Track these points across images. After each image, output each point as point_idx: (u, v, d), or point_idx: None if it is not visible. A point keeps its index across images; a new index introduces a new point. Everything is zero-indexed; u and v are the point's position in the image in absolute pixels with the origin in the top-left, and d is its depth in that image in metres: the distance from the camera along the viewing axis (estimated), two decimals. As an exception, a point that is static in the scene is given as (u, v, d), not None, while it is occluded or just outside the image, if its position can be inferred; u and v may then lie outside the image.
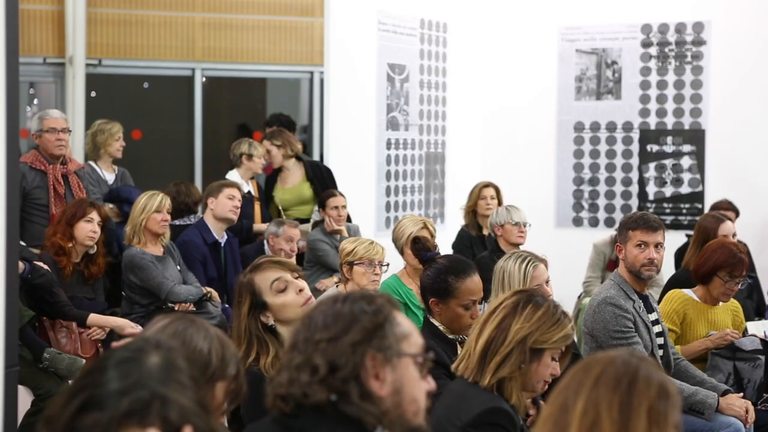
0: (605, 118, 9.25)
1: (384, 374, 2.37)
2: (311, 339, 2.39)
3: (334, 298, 2.48)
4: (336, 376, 2.34)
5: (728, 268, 5.56)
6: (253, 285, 3.81)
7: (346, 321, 2.39)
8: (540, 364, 3.38)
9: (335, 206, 7.76)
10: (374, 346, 2.37)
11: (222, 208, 7.16)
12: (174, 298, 6.57)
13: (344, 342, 2.36)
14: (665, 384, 2.14)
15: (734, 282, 5.60)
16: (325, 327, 2.39)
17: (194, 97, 11.61)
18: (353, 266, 5.80)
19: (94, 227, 6.38)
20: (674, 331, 5.61)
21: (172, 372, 1.83)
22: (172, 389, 1.79)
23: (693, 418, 5.07)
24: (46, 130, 6.95)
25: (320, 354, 2.36)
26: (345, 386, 2.34)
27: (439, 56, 9.09)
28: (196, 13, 11.50)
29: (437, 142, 9.14)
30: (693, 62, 8.97)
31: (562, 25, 9.33)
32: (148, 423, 1.73)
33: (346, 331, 2.38)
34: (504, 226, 7.03)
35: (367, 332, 2.38)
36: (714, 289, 5.63)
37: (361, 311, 2.41)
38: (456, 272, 4.35)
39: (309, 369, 2.36)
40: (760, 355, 5.61)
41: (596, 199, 9.29)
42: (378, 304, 2.43)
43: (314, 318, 2.43)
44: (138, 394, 1.75)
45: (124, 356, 1.84)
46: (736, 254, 5.57)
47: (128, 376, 1.78)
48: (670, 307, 5.65)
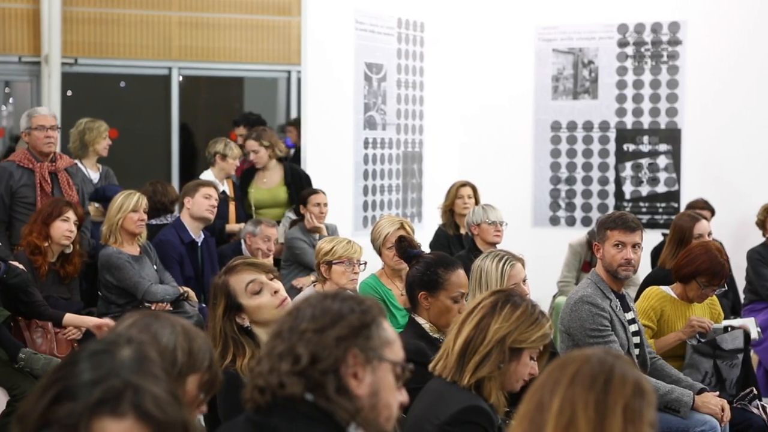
0: (582, 118, 9.28)
1: (363, 374, 2.37)
2: (296, 328, 2.39)
3: (325, 294, 2.49)
4: (316, 367, 2.34)
5: (708, 276, 5.58)
6: (228, 287, 3.81)
7: (335, 316, 2.40)
8: (519, 363, 3.39)
9: (317, 203, 7.77)
10: (358, 344, 2.37)
11: (198, 207, 7.15)
12: (151, 297, 6.55)
13: (330, 335, 2.37)
14: (640, 382, 2.15)
15: (711, 289, 5.64)
16: (313, 318, 2.40)
17: (171, 96, 11.59)
18: (332, 265, 5.80)
19: (70, 226, 6.35)
20: (650, 327, 5.63)
21: (144, 363, 1.83)
22: (145, 379, 1.79)
23: (669, 416, 5.09)
24: (34, 128, 6.94)
25: (304, 344, 2.36)
26: (323, 378, 2.34)
27: (417, 56, 9.09)
28: (172, 12, 11.47)
29: (414, 141, 9.15)
30: (669, 62, 9.01)
31: (538, 25, 9.35)
32: (120, 412, 1.73)
33: (332, 325, 2.38)
34: (480, 226, 7.04)
35: (354, 329, 2.38)
36: (690, 291, 5.67)
37: (350, 310, 2.41)
38: (445, 265, 4.46)
39: (291, 358, 2.36)
40: (739, 354, 5.64)
41: (573, 198, 9.32)
42: (367, 306, 2.45)
43: (302, 310, 2.44)
44: (110, 383, 1.75)
45: (96, 349, 1.85)
46: (718, 263, 5.59)
47: (100, 367, 1.78)
48: (648, 303, 5.67)
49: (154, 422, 1.75)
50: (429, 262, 4.51)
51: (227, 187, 8.32)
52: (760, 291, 7.74)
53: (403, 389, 2.47)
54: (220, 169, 8.27)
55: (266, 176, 8.49)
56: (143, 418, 1.74)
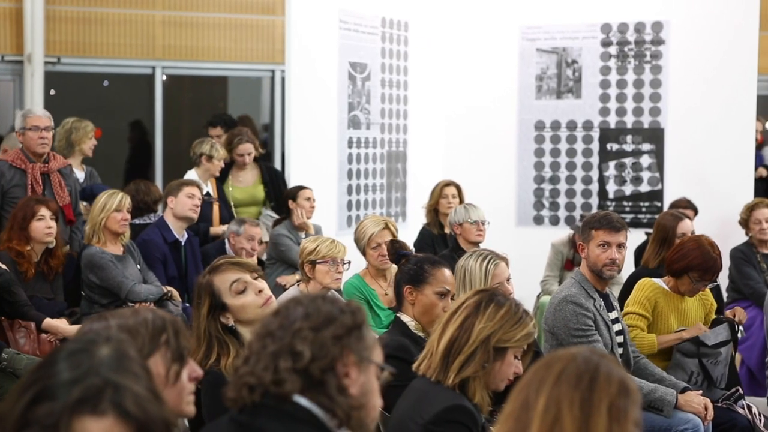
0: (566, 117, 9.29)
1: (354, 374, 2.39)
2: (290, 327, 2.41)
3: (312, 296, 2.52)
4: (316, 365, 2.36)
5: (701, 271, 5.58)
6: (212, 286, 3.80)
7: (328, 315, 2.43)
8: (503, 362, 3.40)
9: (308, 197, 7.79)
10: (352, 344, 2.40)
11: (182, 206, 7.14)
12: (134, 297, 6.54)
13: (327, 333, 2.39)
14: (626, 381, 2.16)
15: (702, 284, 5.65)
16: (307, 317, 2.42)
17: (155, 95, 11.56)
18: (316, 265, 5.80)
19: (48, 223, 6.34)
20: (646, 317, 5.61)
21: (123, 361, 1.82)
22: (125, 377, 1.78)
23: (652, 415, 5.11)
24: (29, 128, 6.94)
25: (303, 341, 2.38)
26: (323, 376, 2.37)
27: (401, 55, 9.09)
28: (156, 11, 11.44)
29: (399, 140, 9.15)
30: (652, 61, 9.02)
31: (522, 24, 9.36)
32: (101, 411, 1.72)
33: (327, 324, 2.41)
34: (462, 225, 7.05)
35: (348, 329, 2.42)
36: (681, 285, 5.66)
37: (341, 311, 2.45)
38: (432, 261, 4.55)
39: (290, 355, 2.37)
40: (722, 348, 5.64)
41: (557, 198, 9.34)
42: (355, 307, 2.49)
43: (291, 309, 2.45)
44: (89, 382, 1.74)
45: (74, 348, 1.84)
46: (711, 258, 5.58)
47: (79, 366, 1.77)
48: (642, 294, 5.67)
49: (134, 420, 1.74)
50: (417, 259, 4.61)
51: (211, 187, 8.30)
52: (743, 290, 7.77)
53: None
54: (205, 170, 8.26)
55: (242, 175, 8.55)
56: (124, 417, 1.73)
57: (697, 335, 5.59)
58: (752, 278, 7.73)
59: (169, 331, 2.50)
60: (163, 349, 2.47)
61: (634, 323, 5.60)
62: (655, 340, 5.56)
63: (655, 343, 5.56)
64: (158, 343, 2.47)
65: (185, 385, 2.51)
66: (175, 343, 2.49)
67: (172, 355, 2.48)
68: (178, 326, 2.53)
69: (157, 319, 2.51)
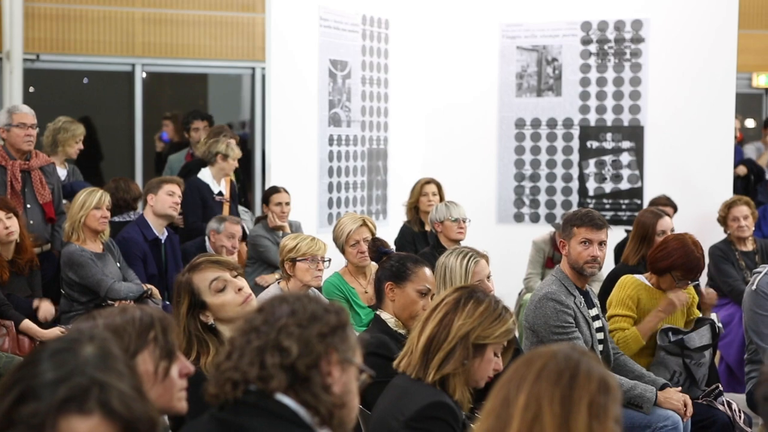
0: (546, 115, 9.30)
1: (337, 373, 2.40)
2: (275, 323, 2.40)
3: (297, 295, 2.52)
4: (302, 361, 2.36)
5: (684, 270, 5.59)
6: (192, 285, 3.80)
7: (314, 313, 2.43)
8: (483, 359, 3.40)
9: (279, 202, 7.76)
10: (336, 343, 2.40)
11: (162, 204, 7.12)
12: (114, 295, 6.51)
13: (313, 330, 2.39)
14: (606, 378, 2.16)
15: (684, 283, 5.66)
16: (293, 313, 2.42)
17: (134, 92, 11.53)
18: (296, 263, 5.80)
19: (4, 223, 6.25)
20: (631, 316, 5.61)
21: (108, 360, 1.82)
22: (110, 376, 1.78)
23: (632, 411, 5.12)
24: (15, 125, 6.90)
25: (290, 337, 2.38)
26: (309, 373, 2.37)
27: (381, 52, 9.09)
28: (135, 8, 11.41)
29: (379, 138, 9.15)
30: (632, 59, 9.05)
31: (503, 22, 9.37)
32: (87, 410, 1.72)
33: (313, 322, 2.41)
34: (443, 223, 7.05)
35: (333, 328, 2.42)
36: (663, 283, 5.66)
37: (326, 310, 2.45)
38: (414, 260, 4.61)
39: (278, 351, 2.37)
40: (705, 350, 5.66)
41: (537, 195, 9.35)
42: (339, 307, 2.50)
43: (276, 306, 2.45)
44: (75, 381, 1.74)
45: (58, 347, 1.83)
46: (694, 258, 5.59)
47: (63, 365, 1.77)
48: (624, 293, 5.67)
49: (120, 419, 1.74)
50: (399, 257, 4.67)
51: (224, 187, 8.26)
52: (721, 287, 7.81)
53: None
54: (220, 169, 8.18)
55: None
56: (110, 415, 1.73)
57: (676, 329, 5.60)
58: (731, 276, 7.77)
59: (158, 328, 2.50)
60: (151, 345, 2.47)
61: (618, 326, 5.60)
62: (638, 333, 5.56)
63: (638, 335, 5.55)
64: (146, 340, 2.47)
65: (175, 382, 2.51)
66: (164, 339, 2.49)
67: (161, 352, 2.47)
68: (166, 323, 2.53)
69: (145, 316, 2.50)
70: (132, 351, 2.43)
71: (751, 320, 5.72)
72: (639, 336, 5.56)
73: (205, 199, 8.05)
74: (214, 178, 8.15)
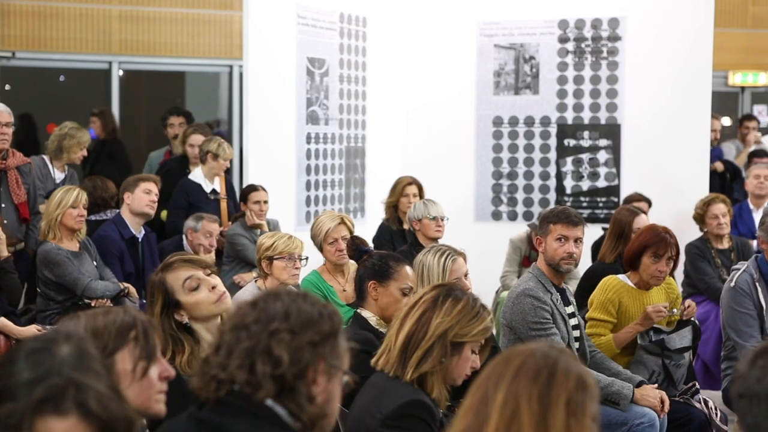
0: (523, 113, 9.32)
1: (322, 382, 2.38)
2: (268, 325, 2.37)
3: (294, 293, 2.48)
4: (290, 371, 2.34)
5: (653, 247, 5.57)
6: (165, 284, 3.79)
7: (307, 318, 2.39)
8: (461, 357, 3.40)
9: (257, 201, 7.74)
10: (326, 352, 2.38)
11: (138, 202, 7.09)
12: (90, 294, 6.49)
13: (304, 338, 2.36)
14: (584, 376, 2.17)
15: (662, 262, 5.61)
16: (286, 317, 2.38)
17: (111, 90, 11.48)
18: (273, 261, 5.79)
19: None
20: (610, 321, 5.63)
21: (85, 359, 1.81)
22: (87, 376, 1.77)
23: (609, 408, 5.14)
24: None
25: (282, 345, 2.35)
26: (295, 383, 2.34)
27: (359, 50, 9.09)
28: (112, 5, 11.36)
29: (357, 136, 9.14)
30: (609, 58, 9.08)
31: (480, 20, 9.38)
32: (64, 410, 1.71)
33: (305, 329, 2.38)
34: (422, 221, 7.06)
35: (324, 337, 2.39)
36: (644, 272, 5.65)
37: (320, 314, 2.41)
38: (396, 258, 4.67)
39: (270, 360, 2.34)
40: (685, 352, 5.69)
41: (515, 193, 9.37)
42: (333, 311, 2.46)
43: (270, 304, 2.41)
44: (52, 381, 1.73)
45: (34, 347, 1.82)
46: (660, 233, 5.61)
47: (40, 365, 1.76)
48: (605, 296, 5.66)
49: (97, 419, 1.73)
50: (381, 255, 4.70)
51: (218, 185, 8.24)
52: (698, 285, 7.84)
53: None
54: (210, 168, 8.18)
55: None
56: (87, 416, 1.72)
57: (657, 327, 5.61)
58: (707, 273, 7.80)
59: (139, 328, 2.49)
60: (131, 344, 2.46)
61: (594, 331, 5.61)
62: (612, 342, 5.57)
63: (613, 344, 5.57)
64: (126, 339, 2.46)
65: (154, 383, 2.50)
66: (144, 340, 2.48)
67: (141, 352, 2.47)
68: (148, 324, 2.52)
69: (127, 316, 2.50)
70: (110, 349, 2.43)
71: (729, 317, 5.75)
72: (613, 346, 5.57)
73: (195, 201, 8.04)
74: (205, 177, 8.14)
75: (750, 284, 5.74)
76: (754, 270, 5.78)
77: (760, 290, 5.73)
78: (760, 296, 5.72)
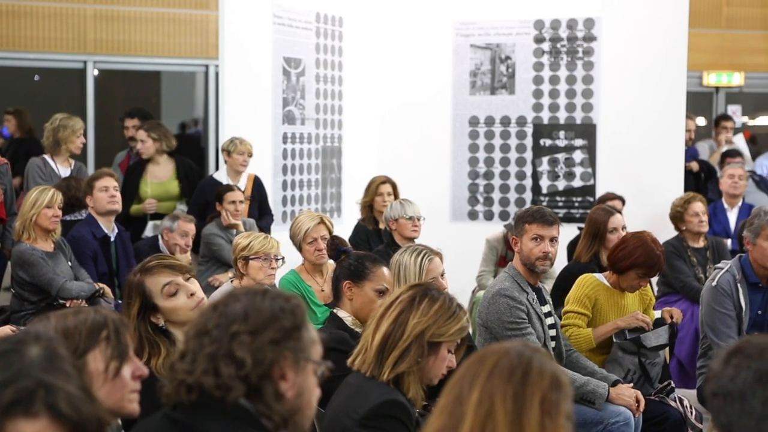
0: (499, 113, 9.34)
1: (291, 376, 2.36)
2: (228, 329, 2.36)
3: (252, 291, 2.45)
4: (255, 372, 2.33)
5: (645, 268, 5.63)
6: (144, 287, 3.78)
7: (267, 316, 2.37)
8: (437, 357, 3.40)
9: (233, 200, 7.71)
10: (290, 346, 2.36)
11: (100, 203, 7.02)
12: (65, 294, 6.46)
13: (264, 337, 2.34)
14: (558, 375, 2.17)
15: (645, 280, 5.72)
16: (245, 318, 2.36)
17: (86, 90, 11.43)
18: (249, 261, 5.78)
19: None
20: (585, 314, 5.64)
21: (55, 361, 1.80)
22: (57, 377, 1.76)
23: (584, 407, 5.15)
24: None
25: (243, 347, 2.33)
26: (261, 383, 2.33)
27: (335, 50, 9.08)
28: (87, 5, 11.31)
29: (334, 136, 9.13)
30: (584, 58, 9.11)
31: (456, 20, 9.39)
32: (34, 413, 1.70)
33: (265, 327, 2.36)
34: (398, 221, 7.06)
35: (286, 332, 2.37)
36: (624, 282, 5.69)
37: (281, 309, 2.39)
38: (372, 259, 4.65)
39: (233, 362, 2.33)
40: (661, 350, 5.71)
41: (491, 193, 9.38)
42: (295, 305, 2.43)
43: (230, 307, 2.39)
44: (21, 384, 1.72)
45: (2, 349, 1.81)
46: (655, 256, 5.62)
47: (9, 367, 1.75)
48: (582, 291, 5.69)
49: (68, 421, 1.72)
50: (358, 256, 4.68)
51: (245, 183, 8.10)
52: (673, 283, 7.87)
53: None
54: (230, 167, 8.05)
55: (157, 170, 8.52)
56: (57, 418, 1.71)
57: (635, 327, 5.63)
58: (683, 272, 7.83)
59: (110, 327, 2.48)
60: (102, 344, 2.45)
61: (571, 322, 5.63)
62: (591, 335, 5.60)
63: (592, 337, 5.59)
64: (97, 339, 2.45)
65: (127, 382, 2.49)
66: (116, 339, 2.47)
67: (113, 352, 2.46)
68: (119, 324, 2.51)
69: (98, 316, 2.49)
70: (81, 349, 2.41)
71: (708, 316, 5.77)
72: (592, 339, 5.60)
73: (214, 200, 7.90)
74: (228, 176, 8.05)
75: (732, 285, 5.76)
76: (737, 270, 5.80)
77: (741, 291, 5.75)
78: (741, 297, 5.75)
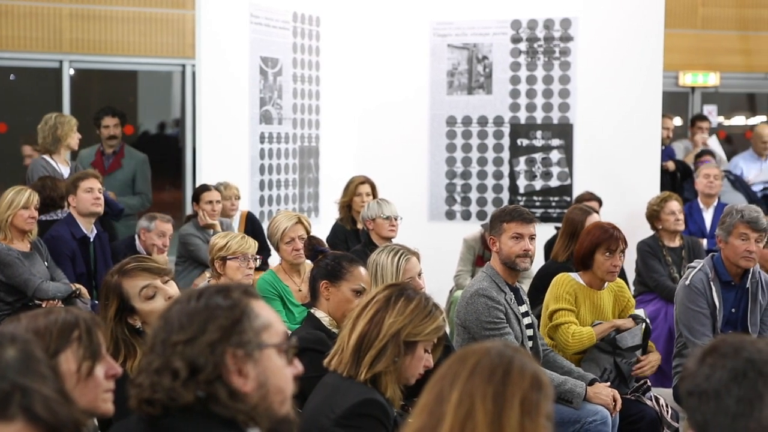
0: (477, 113, 9.35)
1: (247, 370, 2.30)
2: (168, 341, 2.32)
3: (189, 295, 2.40)
4: (198, 378, 2.28)
5: (605, 243, 5.62)
6: (121, 289, 3.77)
7: (202, 320, 2.32)
8: (414, 357, 3.41)
9: (209, 200, 7.70)
10: (233, 343, 2.30)
11: (83, 204, 7.00)
12: (41, 295, 6.43)
13: (202, 342, 2.29)
14: (538, 375, 2.18)
15: (616, 257, 5.66)
16: (181, 328, 2.32)
17: (62, 89, 11.36)
18: (226, 261, 5.77)
19: None
20: (572, 310, 5.64)
21: (31, 363, 1.79)
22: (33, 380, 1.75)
23: (562, 406, 5.16)
24: None
25: (178, 356, 2.29)
26: (210, 387, 2.29)
27: (312, 50, 9.07)
28: (63, 3, 11.25)
29: (311, 136, 9.13)
30: (561, 58, 9.13)
31: (433, 20, 9.40)
32: (9, 416, 1.69)
33: (202, 331, 2.30)
34: (375, 220, 7.06)
35: (225, 330, 2.31)
36: (598, 270, 5.68)
37: (217, 307, 2.33)
38: (349, 259, 4.66)
39: (169, 373, 2.29)
40: (636, 350, 5.73)
41: (468, 193, 9.40)
42: (234, 298, 2.36)
43: (170, 318, 2.36)
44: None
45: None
46: (608, 230, 5.67)
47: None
48: (562, 289, 5.68)
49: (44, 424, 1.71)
50: (335, 256, 4.69)
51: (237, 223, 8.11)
52: (648, 282, 7.90)
53: (296, 361, 2.41)
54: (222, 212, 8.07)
55: None
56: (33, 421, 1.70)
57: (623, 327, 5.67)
58: (657, 271, 7.86)
59: (82, 327, 2.47)
60: (74, 345, 2.43)
61: (566, 319, 5.60)
62: (593, 332, 5.60)
63: (593, 334, 5.60)
64: (69, 339, 2.43)
65: (101, 382, 2.47)
66: (88, 339, 2.46)
67: (85, 352, 2.44)
68: (91, 323, 2.50)
69: (69, 316, 2.47)
70: (53, 350, 2.40)
71: (683, 314, 5.79)
72: (594, 336, 5.60)
73: None
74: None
75: (705, 283, 5.78)
76: (710, 269, 5.82)
77: (714, 289, 5.78)
78: (714, 295, 5.77)
